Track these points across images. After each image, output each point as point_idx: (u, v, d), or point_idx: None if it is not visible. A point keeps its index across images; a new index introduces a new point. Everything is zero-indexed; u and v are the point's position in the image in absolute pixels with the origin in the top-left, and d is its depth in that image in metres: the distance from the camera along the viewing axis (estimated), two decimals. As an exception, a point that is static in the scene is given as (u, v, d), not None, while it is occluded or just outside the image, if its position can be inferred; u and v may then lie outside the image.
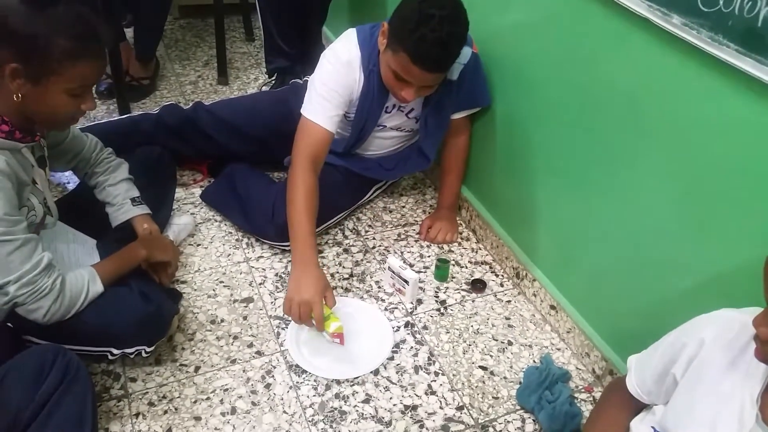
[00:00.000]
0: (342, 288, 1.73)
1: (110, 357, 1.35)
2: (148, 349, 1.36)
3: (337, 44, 1.66)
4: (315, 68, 1.69)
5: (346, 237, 1.91)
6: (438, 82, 1.58)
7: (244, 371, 1.48)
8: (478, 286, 1.76)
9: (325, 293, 1.45)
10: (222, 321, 1.60)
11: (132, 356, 1.36)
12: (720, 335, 0.93)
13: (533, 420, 1.43)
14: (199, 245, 1.82)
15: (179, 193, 1.99)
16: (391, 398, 1.45)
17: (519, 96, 1.65)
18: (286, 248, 1.78)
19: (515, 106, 1.68)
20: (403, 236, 1.93)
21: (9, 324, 1.28)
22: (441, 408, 1.44)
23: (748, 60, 1.00)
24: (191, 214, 1.92)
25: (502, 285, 1.79)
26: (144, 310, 1.32)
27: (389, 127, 1.81)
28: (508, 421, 1.42)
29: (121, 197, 1.53)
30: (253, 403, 1.41)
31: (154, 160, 1.74)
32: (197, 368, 1.47)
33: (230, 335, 1.56)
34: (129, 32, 2.57)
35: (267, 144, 1.95)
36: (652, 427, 1.01)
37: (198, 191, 2.00)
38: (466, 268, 1.84)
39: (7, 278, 1.15)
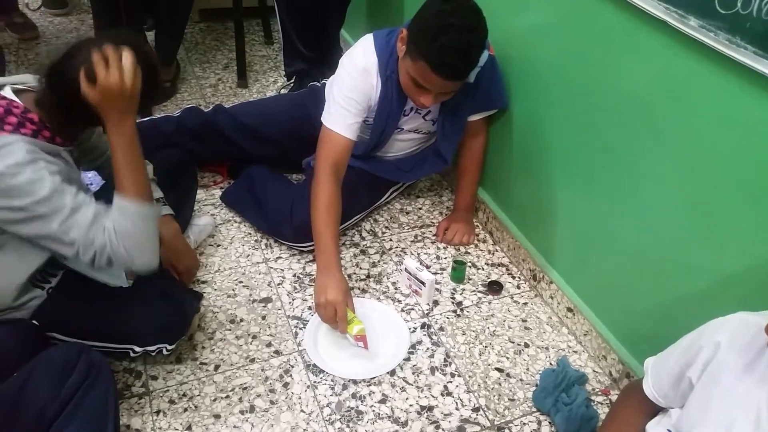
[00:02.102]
0: (359, 289, 1.74)
1: (132, 354, 1.38)
2: (169, 347, 1.38)
3: (355, 51, 1.67)
4: (333, 71, 1.71)
5: (363, 238, 1.92)
6: (457, 88, 1.59)
7: (262, 370, 1.50)
8: (494, 287, 1.76)
9: (347, 296, 1.49)
10: (241, 320, 1.62)
11: (153, 354, 1.38)
12: (735, 338, 0.92)
13: (549, 422, 1.43)
14: (219, 246, 1.85)
15: (200, 194, 2.02)
16: (407, 399, 1.46)
17: (535, 98, 1.66)
18: (304, 249, 1.80)
19: (531, 109, 1.68)
20: (419, 238, 1.94)
21: (35, 321, 1.32)
22: (457, 409, 1.45)
23: (766, 62, 1.00)
24: (211, 215, 1.94)
25: (518, 287, 1.80)
26: (166, 309, 1.35)
27: (406, 130, 1.82)
28: (524, 423, 1.43)
29: None
30: (272, 402, 1.43)
31: (175, 162, 1.77)
32: (217, 367, 1.50)
33: (249, 334, 1.59)
34: (150, 36, 2.61)
35: (285, 146, 1.97)
36: (668, 430, 1.01)
37: (218, 193, 2.03)
38: (483, 269, 1.84)
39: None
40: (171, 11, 2.43)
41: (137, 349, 1.37)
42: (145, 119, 2.17)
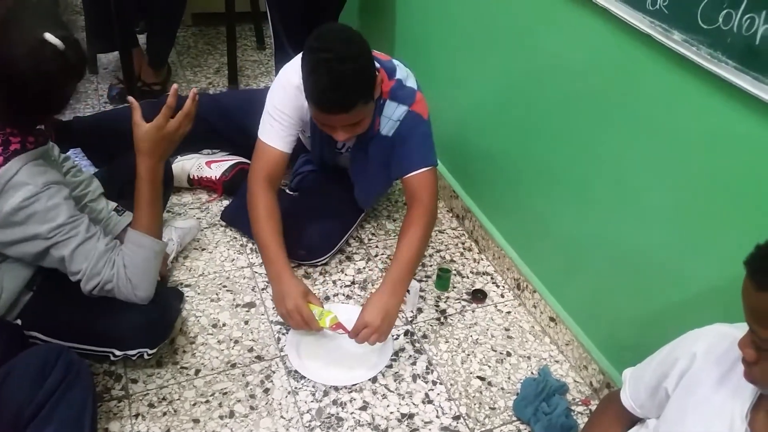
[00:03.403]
0: (343, 295, 1.74)
1: (112, 358, 1.37)
2: (150, 352, 1.38)
3: (291, 66, 1.61)
4: None
5: (349, 244, 1.92)
6: (364, 116, 1.50)
7: (243, 375, 1.49)
8: (478, 296, 1.77)
9: (308, 296, 1.51)
10: (224, 325, 1.62)
11: (134, 358, 1.37)
12: (711, 350, 0.93)
13: (529, 431, 1.43)
14: (203, 250, 1.84)
15: (186, 197, 2.02)
16: (388, 406, 1.46)
17: (523, 107, 1.67)
18: (303, 263, 1.80)
19: (518, 118, 1.69)
20: (405, 245, 1.94)
21: (19, 321, 1.31)
22: (438, 417, 1.44)
23: (746, 77, 1.02)
24: (197, 218, 1.94)
25: (502, 296, 1.80)
26: (148, 313, 1.34)
27: (345, 152, 1.80)
28: (505, 432, 1.43)
29: (106, 211, 1.52)
30: (252, 407, 1.42)
31: None
32: (197, 371, 1.49)
33: (231, 339, 1.58)
34: (142, 38, 2.60)
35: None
36: (645, 440, 1.02)
37: (204, 196, 2.02)
38: (468, 278, 1.85)
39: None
40: (164, 15, 2.44)
41: (117, 353, 1.35)
42: (120, 107, 2.13)
